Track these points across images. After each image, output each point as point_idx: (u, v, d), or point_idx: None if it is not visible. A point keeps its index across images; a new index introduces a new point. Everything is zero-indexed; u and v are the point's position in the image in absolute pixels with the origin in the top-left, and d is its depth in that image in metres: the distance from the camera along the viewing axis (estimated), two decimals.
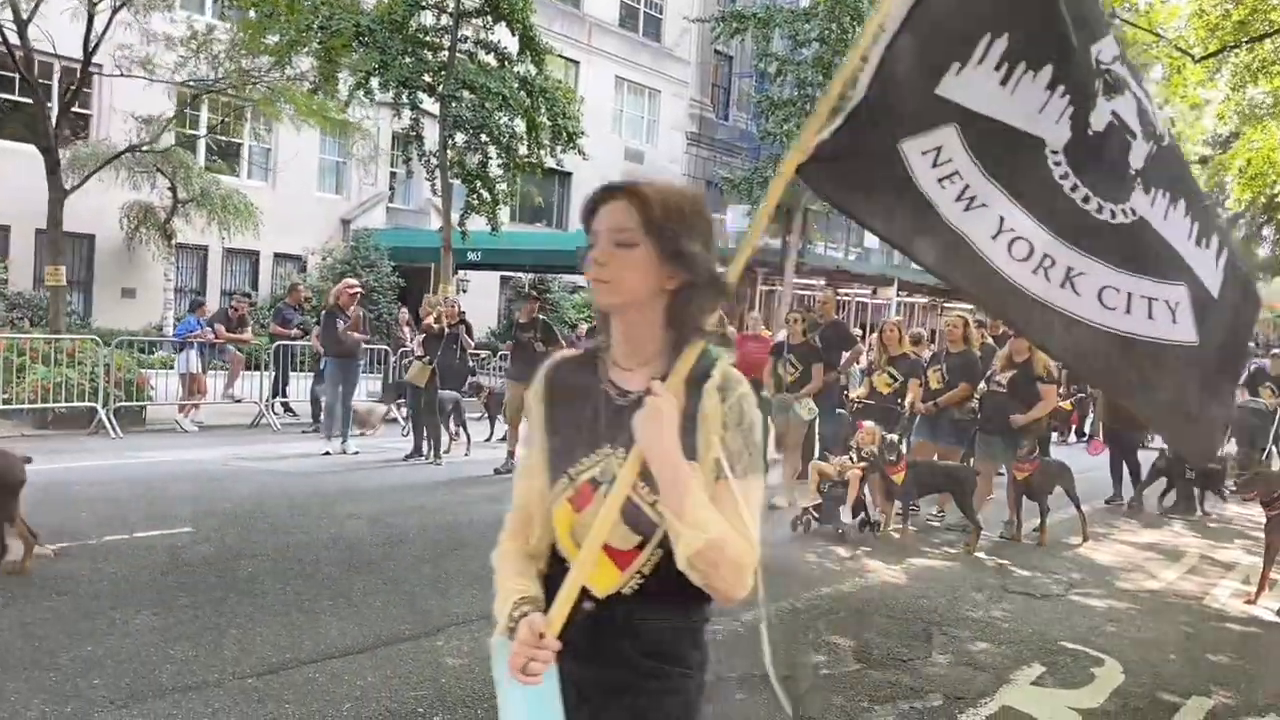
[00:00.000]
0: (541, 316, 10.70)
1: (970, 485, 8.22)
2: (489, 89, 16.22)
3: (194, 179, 18.58)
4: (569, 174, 31.06)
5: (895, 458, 8.09)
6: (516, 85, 16.74)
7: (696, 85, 34.71)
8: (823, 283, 33.03)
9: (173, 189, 18.97)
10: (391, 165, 25.50)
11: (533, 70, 17.16)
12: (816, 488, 8.26)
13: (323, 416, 11.74)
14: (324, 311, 11.74)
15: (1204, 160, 30.81)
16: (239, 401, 13.86)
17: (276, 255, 23.44)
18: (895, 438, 8.23)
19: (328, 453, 10.92)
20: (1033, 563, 7.84)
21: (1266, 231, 49.49)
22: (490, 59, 17.14)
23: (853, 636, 5.54)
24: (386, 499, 8.79)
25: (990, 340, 10.12)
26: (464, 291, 27.96)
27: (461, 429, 11.77)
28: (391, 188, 26.50)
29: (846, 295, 35.00)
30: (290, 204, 23.21)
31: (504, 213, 28.94)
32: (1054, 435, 13.00)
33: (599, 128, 31.50)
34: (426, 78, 16.72)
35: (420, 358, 10.71)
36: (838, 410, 12.71)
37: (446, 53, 16.74)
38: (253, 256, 23.07)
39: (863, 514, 8.33)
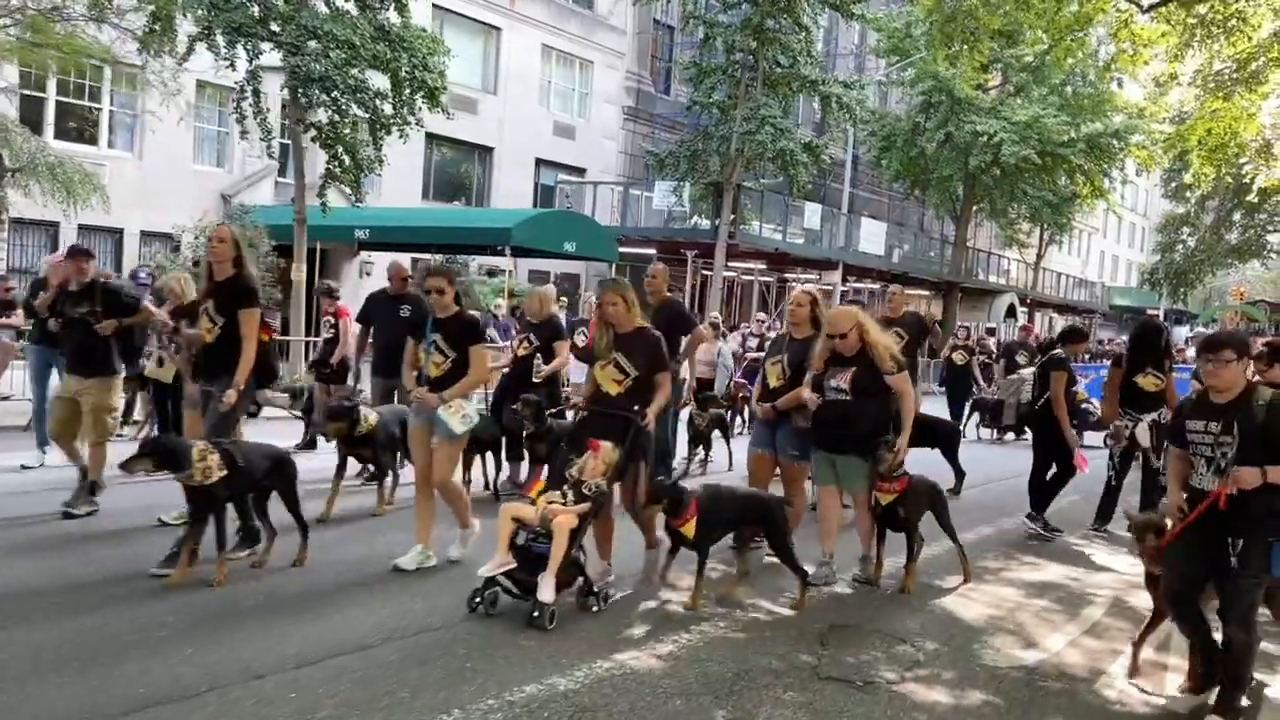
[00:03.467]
0: None
1: (780, 517, 6.20)
2: (335, 37, 14.09)
3: (17, 144, 16.34)
4: (490, 149, 28.98)
5: (679, 501, 5.80)
6: (371, 34, 14.59)
7: (634, 57, 32.61)
8: (763, 266, 31.12)
9: None
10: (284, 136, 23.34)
11: (395, 19, 15.07)
12: (509, 541, 5.55)
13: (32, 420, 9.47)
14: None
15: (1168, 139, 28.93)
16: (6, 399, 11.75)
17: (144, 234, 21.23)
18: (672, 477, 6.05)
19: (25, 466, 8.86)
20: (877, 623, 5.88)
21: (1236, 216, 47.91)
22: (350, 4, 15.03)
23: None
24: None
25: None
26: (368, 275, 25.89)
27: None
28: (282, 161, 24.28)
29: (791, 279, 33.14)
30: (161, 177, 21.04)
31: (415, 188, 27.14)
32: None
33: (525, 100, 29.41)
34: (274, 26, 14.58)
35: (165, 348, 8.57)
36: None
37: None
38: (115, 234, 20.86)
39: (581, 580, 5.69)
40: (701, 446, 11.17)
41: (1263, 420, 4.50)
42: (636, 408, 5.93)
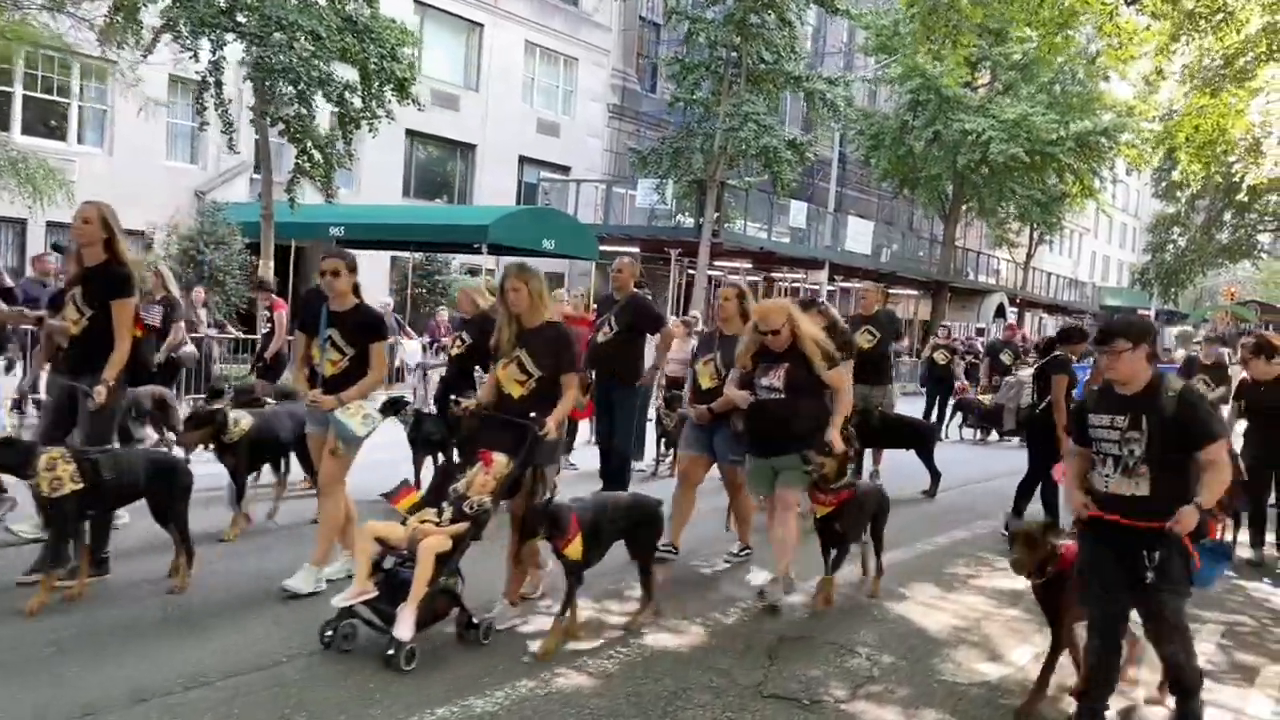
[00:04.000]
0: None
1: (654, 529, 5.53)
2: (300, 27, 13.72)
3: None
4: (473, 146, 28.61)
5: (557, 523, 4.90)
6: (339, 25, 14.22)
7: (619, 54, 32.25)
8: (749, 265, 30.80)
9: None
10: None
11: (364, 10, 14.71)
12: (368, 569, 4.77)
13: None
14: None
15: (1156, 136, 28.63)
16: None
17: None
18: (554, 497, 5.15)
19: None
20: (831, 635, 5.54)
21: (1227, 216, 47.70)
22: None
23: None
24: None
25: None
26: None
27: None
28: (256, 157, 23.89)
29: (777, 278, 32.83)
30: (132, 173, 20.60)
31: (395, 185, 26.76)
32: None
33: (508, 97, 29.04)
34: (240, 17, 14.21)
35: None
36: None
37: None
38: None
39: (462, 615, 4.94)
40: (671, 448, 10.82)
41: (1173, 413, 4.08)
42: (534, 415, 5.18)
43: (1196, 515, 3.96)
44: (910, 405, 15.14)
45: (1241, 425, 8.48)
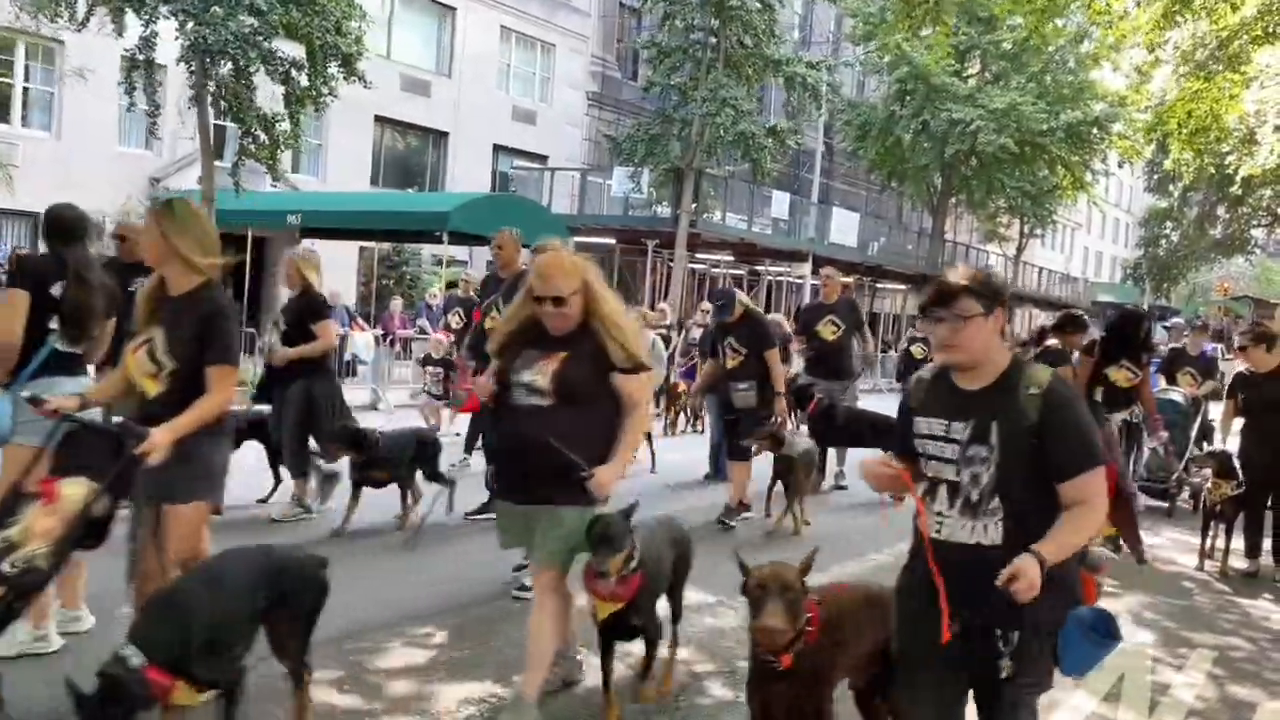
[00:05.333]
0: None
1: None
2: (241, 2, 12.92)
3: None
4: (445, 133, 27.77)
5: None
6: None
7: (598, 40, 31.42)
8: (730, 257, 30.01)
9: None
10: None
11: None
12: None
13: None
14: None
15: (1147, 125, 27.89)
16: None
17: None
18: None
19: None
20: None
21: (1220, 210, 47.05)
22: None
23: None
24: None
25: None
26: None
27: None
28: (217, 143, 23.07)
29: (761, 271, 32.03)
30: (82, 159, 19.77)
31: (363, 173, 25.90)
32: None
33: (482, 83, 28.19)
34: None
35: None
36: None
37: None
38: (30, 219, 19.59)
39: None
40: None
41: (1036, 420, 2.68)
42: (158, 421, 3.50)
43: (1035, 570, 2.50)
44: (879, 403, 14.38)
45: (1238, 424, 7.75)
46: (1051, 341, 7.92)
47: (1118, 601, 6.49)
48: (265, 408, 7.41)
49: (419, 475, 7.17)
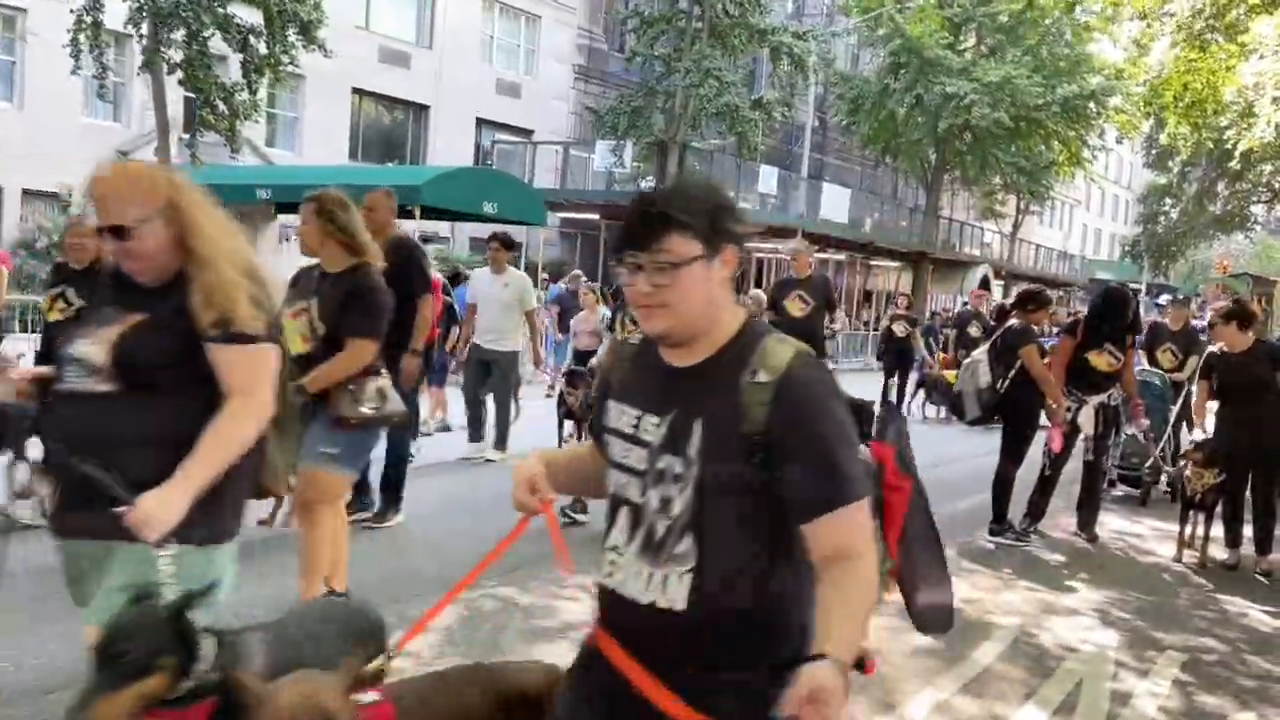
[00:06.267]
0: None
1: None
2: None
3: None
4: (425, 107, 27.19)
5: None
6: None
7: (585, 12, 30.79)
8: None
9: None
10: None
11: None
12: None
13: None
14: None
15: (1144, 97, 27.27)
16: None
17: (27, 192, 19.51)
18: None
19: None
20: None
21: (1220, 186, 46.42)
22: None
23: None
24: None
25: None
26: (288, 240, 24.15)
27: None
28: (190, 114, 22.52)
29: (751, 248, 31.46)
30: (47, 130, 19.24)
31: (341, 147, 25.34)
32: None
33: (464, 55, 27.58)
34: None
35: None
36: None
37: None
38: None
39: None
40: (575, 427, 9.50)
41: (762, 423, 1.78)
42: None
43: (840, 686, 1.60)
44: (859, 381, 13.96)
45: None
46: (1013, 322, 7.43)
47: (1083, 596, 6.07)
48: None
49: None
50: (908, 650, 4.86)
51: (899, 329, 14.47)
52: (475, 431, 9.09)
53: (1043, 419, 7.40)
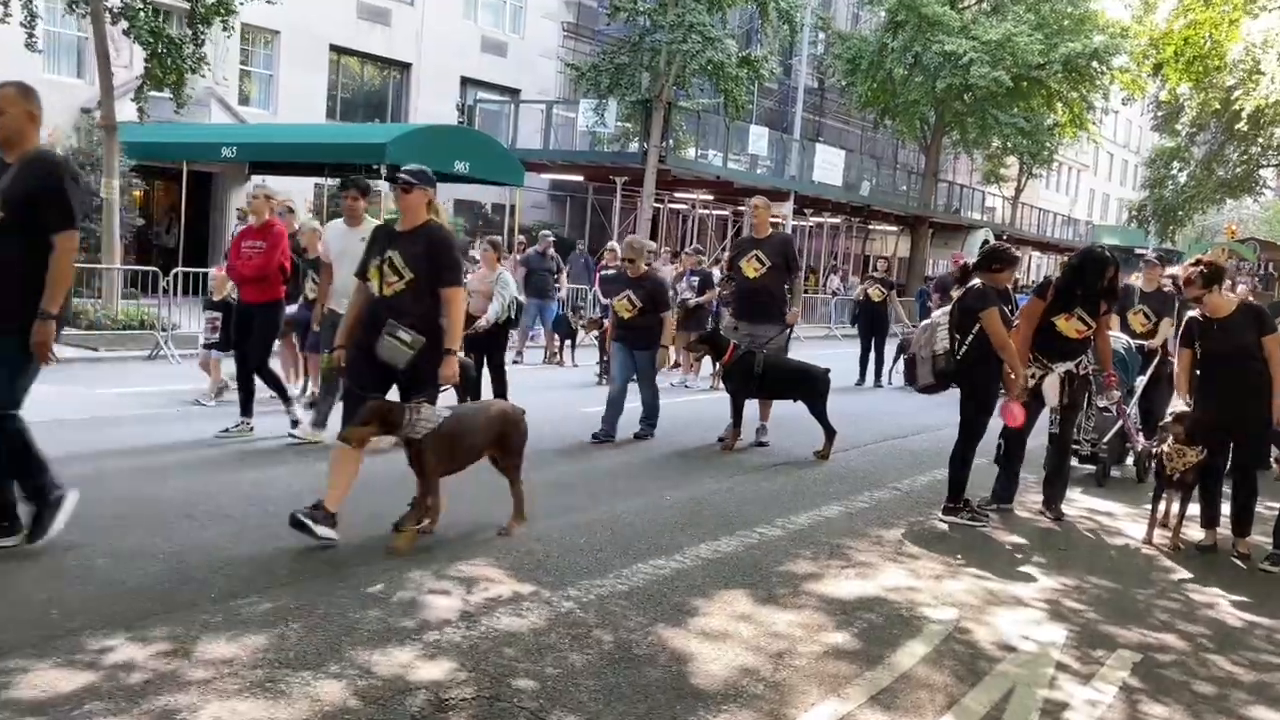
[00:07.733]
0: None
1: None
2: None
3: None
4: (407, 65, 26.42)
5: None
6: None
7: None
8: (709, 196, 28.74)
9: None
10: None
11: None
12: None
13: None
14: None
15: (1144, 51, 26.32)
16: None
17: None
18: None
19: None
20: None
21: (1229, 149, 45.42)
22: None
23: None
24: None
25: None
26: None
27: None
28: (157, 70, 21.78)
29: (744, 211, 30.73)
30: None
31: (318, 106, 24.59)
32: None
33: (447, 11, 26.78)
34: None
35: None
36: None
37: None
38: None
39: None
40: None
41: None
42: None
43: None
44: (832, 350, 13.36)
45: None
46: (975, 282, 6.80)
47: (1036, 585, 5.51)
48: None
49: None
50: (818, 651, 4.31)
51: (875, 293, 13.84)
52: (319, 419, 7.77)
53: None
